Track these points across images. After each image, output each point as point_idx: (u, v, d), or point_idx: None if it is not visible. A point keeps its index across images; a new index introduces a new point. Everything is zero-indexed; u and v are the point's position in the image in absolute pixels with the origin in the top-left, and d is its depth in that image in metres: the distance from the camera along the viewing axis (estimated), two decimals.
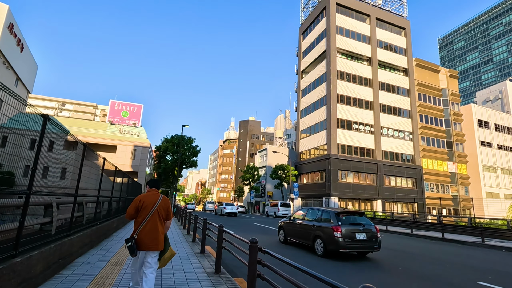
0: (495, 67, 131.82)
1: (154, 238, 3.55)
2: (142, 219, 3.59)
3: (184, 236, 10.50)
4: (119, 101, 38.77)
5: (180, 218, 15.60)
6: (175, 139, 28.94)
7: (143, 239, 3.50)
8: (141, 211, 3.63)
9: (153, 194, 3.83)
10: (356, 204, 34.49)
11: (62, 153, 5.50)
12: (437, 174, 40.90)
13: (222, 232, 5.53)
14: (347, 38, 38.76)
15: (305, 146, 40.74)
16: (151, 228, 3.57)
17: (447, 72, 46.16)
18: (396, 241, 13.50)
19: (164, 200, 3.85)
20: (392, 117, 38.97)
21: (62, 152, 5.60)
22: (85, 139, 34.93)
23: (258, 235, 13.01)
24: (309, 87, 41.95)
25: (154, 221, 3.61)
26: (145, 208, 3.64)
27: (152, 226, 3.58)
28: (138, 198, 3.76)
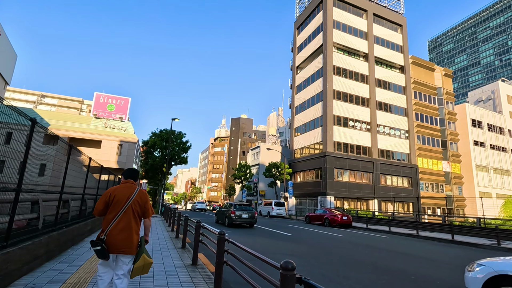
0: (482, 69, 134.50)
1: (127, 239, 2.96)
2: (113, 216, 3.00)
3: (172, 240, 8.96)
4: (105, 94, 36.54)
5: (168, 219, 14.01)
6: (164, 133, 27.13)
7: (113, 241, 2.91)
8: (112, 207, 3.04)
9: (127, 187, 3.20)
10: (352, 204, 33.51)
11: None
12: (432, 173, 40.44)
13: (223, 242, 4.08)
14: (344, 32, 37.73)
15: (300, 144, 39.53)
16: (124, 227, 2.98)
17: (442, 71, 45.85)
18: (409, 245, 12.30)
19: (141, 194, 3.20)
20: (389, 115, 38.21)
21: None
22: (67, 134, 32.69)
23: (263, 238, 11.58)
24: (304, 83, 40.76)
25: (128, 218, 3.02)
26: (117, 203, 3.04)
27: (125, 225, 2.99)
28: (109, 190, 3.14)
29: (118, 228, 2.95)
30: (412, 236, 16.11)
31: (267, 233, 13.70)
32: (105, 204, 3.06)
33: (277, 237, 12.13)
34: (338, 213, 20.99)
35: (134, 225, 3.05)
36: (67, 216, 7.26)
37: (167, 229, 11.96)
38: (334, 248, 9.84)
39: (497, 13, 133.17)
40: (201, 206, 44.48)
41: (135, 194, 3.13)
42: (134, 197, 3.12)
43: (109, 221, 2.99)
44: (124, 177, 3.35)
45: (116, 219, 2.98)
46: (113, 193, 3.10)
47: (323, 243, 11.02)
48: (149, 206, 3.25)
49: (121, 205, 3.05)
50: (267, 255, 2.75)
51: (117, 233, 2.93)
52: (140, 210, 3.15)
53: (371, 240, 13.21)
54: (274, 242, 10.67)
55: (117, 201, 3.06)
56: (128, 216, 3.03)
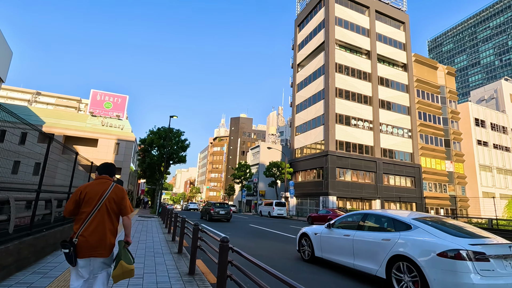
0: (482, 69, 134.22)
1: (101, 240, 2.67)
2: (85, 215, 2.69)
3: (168, 244, 8.19)
4: (102, 91, 35.72)
5: (165, 220, 13.24)
6: (162, 131, 26.31)
7: (85, 243, 2.62)
8: (84, 205, 2.73)
9: (100, 183, 2.87)
10: (355, 204, 32.80)
11: None
12: (435, 173, 39.77)
13: (226, 251, 3.33)
14: (346, 29, 37.03)
15: (301, 143, 38.79)
16: (97, 228, 2.67)
17: (445, 69, 45.20)
18: None
19: (116, 190, 2.87)
20: (391, 113, 37.51)
21: None
22: (62, 132, 31.91)
23: (267, 242, 10.81)
24: (305, 80, 40.03)
25: (101, 218, 2.72)
26: (89, 201, 2.74)
27: (98, 225, 2.69)
28: (80, 188, 2.82)
29: (90, 229, 2.65)
30: None
31: (271, 235, 12.94)
32: (75, 203, 2.74)
33: (283, 241, 11.38)
34: (342, 213, 20.28)
35: (108, 224, 2.75)
36: (50, 217, 6.50)
37: (164, 231, 11.19)
38: None
39: (497, 13, 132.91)
40: (193, 206, 49.01)
41: (109, 191, 2.80)
42: (109, 194, 2.79)
43: (81, 222, 2.68)
44: (98, 172, 3.01)
45: (89, 219, 2.67)
46: (84, 191, 2.76)
47: None
48: (126, 203, 2.92)
49: (94, 204, 2.72)
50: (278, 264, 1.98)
51: (90, 235, 2.63)
52: (116, 208, 2.82)
53: None
54: (281, 246, 9.91)
55: (89, 199, 2.73)
56: (102, 215, 2.72)
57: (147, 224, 13.39)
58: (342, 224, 6.18)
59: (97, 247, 2.65)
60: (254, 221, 21.71)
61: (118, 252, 2.75)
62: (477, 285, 3.50)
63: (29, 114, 31.84)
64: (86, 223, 2.66)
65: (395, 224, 4.87)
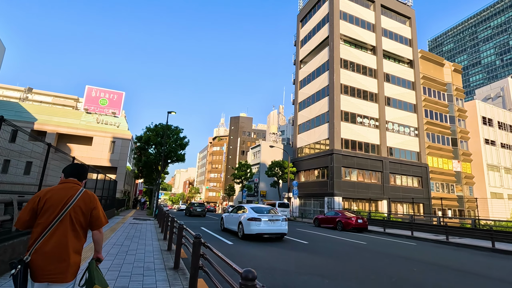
0: (482, 69, 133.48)
1: (61, 260, 2.09)
2: (42, 228, 2.14)
3: (163, 254, 6.82)
4: (97, 87, 34.26)
5: (161, 223, 11.87)
6: (159, 128, 24.90)
7: (40, 263, 2.06)
8: (42, 215, 2.17)
9: (66, 188, 2.29)
10: (361, 205, 31.48)
11: None
12: (443, 173, 38.50)
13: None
14: (351, 24, 35.72)
15: (304, 141, 37.45)
16: (57, 244, 2.10)
17: (451, 66, 43.97)
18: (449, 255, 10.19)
19: (85, 197, 2.29)
20: (397, 111, 36.22)
21: None
22: (55, 129, 30.48)
23: (276, 249, 9.44)
24: (309, 77, 38.70)
25: (64, 231, 2.15)
26: (49, 210, 2.17)
27: (59, 241, 2.12)
28: (38, 193, 2.26)
29: (49, 245, 2.10)
30: (442, 243, 14.07)
31: (280, 241, 11.57)
32: (31, 212, 2.19)
33: (292, 247, 10.03)
34: (352, 215, 18.92)
35: (72, 241, 2.19)
36: (10, 225, 5.11)
37: (159, 236, 9.81)
38: (368, 262, 7.74)
39: (498, 12, 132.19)
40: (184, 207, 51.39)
41: (76, 198, 2.26)
42: (75, 202, 2.24)
43: (36, 236, 2.14)
44: (64, 174, 2.44)
45: (47, 232, 2.13)
46: (44, 197, 2.22)
47: (350, 255, 8.91)
48: (98, 213, 2.34)
49: (55, 213, 2.18)
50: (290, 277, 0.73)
51: (47, 252, 2.08)
52: (84, 219, 2.27)
53: (401, 249, 11.14)
54: (291, 253, 8.55)
55: (50, 208, 2.19)
56: (65, 228, 2.18)
57: (141, 228, 12.00)
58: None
59: (56, 269, 2.10)
60: None
61: (89, 275, 2.20)
62: (252, 229, 10.87)
63: (20, 110, 30.38)
64: (42, 238, 2.12)
65: (243, 209, 12.39)
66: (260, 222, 10.98)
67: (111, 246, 7.31)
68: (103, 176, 14.89)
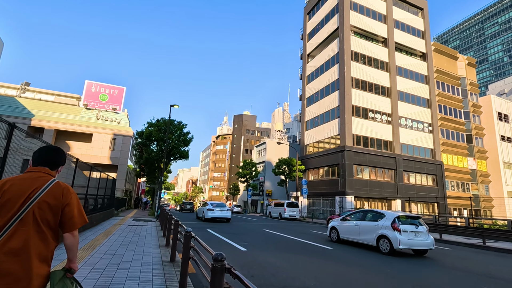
0: (490, 66, 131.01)
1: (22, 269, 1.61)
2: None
3: (164, 267, 5.34)
4: (97, 82, 32.91)
5: (163, 226, 10.43)
6: (161, 123, 23.46)
7: None
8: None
9: (30, 178, 1.80)
10: (373, 204, 29.87)
11: None
12: (458, 171, 36.75)
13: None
14: (362, 15, 34.08)
15: (312, 138, 35.88)
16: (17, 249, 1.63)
17: (465, 59, 42.13)
18: (496, 262, 8.62)
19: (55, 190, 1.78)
20: (411, 106, 34.54)
21: None
22: (53, 126, 29.22)
23: (296, 256, 7.93)
24: (317, 71, 37.11)
25: (25, 233, 1.67)
26: (5, 206, 1.69)
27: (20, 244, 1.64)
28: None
29: (5, 249, 1.61)
30: (479, 247, 12.50)
31: (296, 244, 10.07)
32: None
33: (315, 253, 8.53)
34: None
35: (37, 245, 1.68)
36: None
37: (160, 242, 8.35)
38: (418, 277, 6.22)
39: (505, 8, 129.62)
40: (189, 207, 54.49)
41: (43, 191, 1.75)
42: (41, 196, 1.74)
43: None
44: (32, 161, 1.90)
45: (2, 235, 1.63)
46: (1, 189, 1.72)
47: (387, 264, 7.35)
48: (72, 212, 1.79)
49: (13, 211, 1.68)
50: None
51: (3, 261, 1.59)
52: (54, 218, 1.75)
53: (438, 255, 9.58)
54: (317, 263, 7.03)
55: (6, 203, 1.69)
56: (26, 230, 1.67)
57: (140, 231, 10.55)
58: None
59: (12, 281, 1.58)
60: (267, 225, 18.87)
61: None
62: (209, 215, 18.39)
63: (17, 106, 29.12)
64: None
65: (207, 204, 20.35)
66: (214, 211, 18.35)
67: (100, 257, 5.85)
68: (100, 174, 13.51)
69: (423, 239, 9.16)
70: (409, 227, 9.16)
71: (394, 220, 9.26)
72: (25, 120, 28.19)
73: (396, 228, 9.00)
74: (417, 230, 9.21)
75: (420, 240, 9.09)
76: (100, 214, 12.49)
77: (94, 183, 11.61)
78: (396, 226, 9.06)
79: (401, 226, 9.07)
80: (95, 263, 5.30)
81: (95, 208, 12.12)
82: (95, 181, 11.80)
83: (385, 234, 9.18)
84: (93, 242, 7.46)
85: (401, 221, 9.31)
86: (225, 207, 19.05)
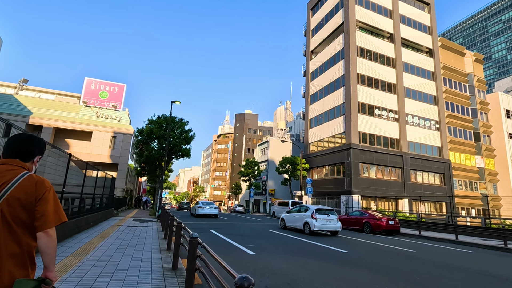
0: (493, 64, 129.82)
1: None
2: None
3: (165, 277, 4.61)
4: (97, 80, 32.25)
5: (164, 227, 9.73)
6: (162, 120, 22.76)
7: None
8: None
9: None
10: (380, 204, 29.11)
11: None
12: (465, 169, 35.92)
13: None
14: (367, 9, 33.26)
15: (316, 136, 35.11)
16: None
17: (473, 55, 41.24)
18: None
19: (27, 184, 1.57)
20: (417, 103, 33.71)
21: None
22: (52, 123, 28.58)
23: (311, 261, 7.19)
24: (321, 68, 36.33)
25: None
26: None
27: None
28: None
29: None
30: (500, 249, 11.75)
31: (306, 246, 9.34)
32: None
33: (330, 257, 7.79)
34: (381, 215, 16.63)
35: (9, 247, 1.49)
36: None
37: (161, 245, 7.63)
38: (450, 284, 5.48)
39: (509, 6, 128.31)
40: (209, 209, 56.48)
41: (13, 186, 1.54)
42: (11, 191, 1.53)
43: None
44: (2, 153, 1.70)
45: None
46: None
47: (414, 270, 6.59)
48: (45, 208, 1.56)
49: None
50: None
51: None
52: (28, 215, 1.54)
53: (458, 258, 8.88)
54: (335, 269, 6.30)
55: None
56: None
57: (139, 233, 9.84)
58: None
59: None
60: (272, 225, 18.14)
61: None
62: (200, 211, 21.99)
63: (15, 103, 28.48)
64: None
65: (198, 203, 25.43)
66: (204, 208, 21.88)
67: (92, 264, 5.13)
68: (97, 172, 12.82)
69: (333, 224, 13.18)
70: (323, 216, 13.14)
71: (313, 212, 13.20)
72: (23, 118, 27.57)
73: (313, 217, 13.02)
74: (328, 218, 13.17)
75: (330, 225, 13.12)
76: (97, 215, 11.80)
77: (91, 182, 10.91)
78: (313, 215, 13.05)
79: (317, 216, 13.03)
80: (85, 272, 4.58)
81: (93, 208, 11.43)
82: (92, 180, 11.10)
83: (307, 221, 13.30)
84: (86, 246, 6.75)
85: (318, 212, 13.24)
86: (213, 205, 22.90)
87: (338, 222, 13.31)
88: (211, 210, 21.92)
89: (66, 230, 7.60)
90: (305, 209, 14.05)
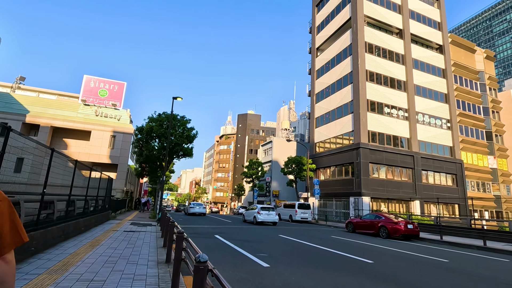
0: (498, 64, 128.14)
1: None
2: None
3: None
4: (96, 77, 31.28)
5: (164, 232, 8.59)
6: (163, 118, 21.67)
7: None
8: None
9: None
10: (391, 206, 27.84)
11: None
12: (478, 170, 34.58)
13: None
14: (375, 4, 32.12)
15: (323, 136, 33.92)
16: None
17: (483, 52, 39.95)
18: None
19: None
20: (428, 101, 32.46)
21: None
22: (49, 122, 27.58)
23: (338, 276, 6.01)
24: (327, 65, 35.18)
25: None
26: None
27: None
28: None
29: None
30: None
31: (326, 256, 8.16)
32: None
33: (356, 269, 6.61)
34: (399, 219, 15.40)
35: None
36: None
37: (159, 256, 6.48)
38: None
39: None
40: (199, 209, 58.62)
41: None
42: None
43: None
44: None
45: None
46: None
47: (461, 287, 5.40)
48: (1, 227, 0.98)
49: None
50: None
51: None
52: None
53: (507, 271, 7.63)
54: (365, 285, 5.12)
55: None
56: None
57: (136, 240, 8.68)
58: None
59: None
60: (279, 228, 16.97)
61: None
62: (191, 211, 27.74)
63: (11, 102, 27.50)
64: None
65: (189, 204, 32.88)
66: (194, 208, 27.30)
67: (70, 286, 3.98)
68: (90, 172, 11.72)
69: (272, 218, 19.16)
70: (265, 211, 19.30)
71: (259, 209, 19.39)
72: (20, 117, 26.61)
73: (258, 212, 19.17)
74: (269, 213, 19.27)
75: (269, 218, 19.09)
76: (91, 219, 10.69)
77: (82, 181, 9.79)
78: (258, 211, 19.23)
79: (261, 211, 19.21)
80: None
81: (85, 212, 10.31)
82: (83, 180, 9.98)
83: (255, 215, 19.42)
84: (70, 259, 5.61)
85: (262, 209, 19.37)
86: (202, 206, 28.56)
87: (276, 216, 19.53)
88: (200, 209, 27.67)
89: (48, 238, 6.47)
90: (256, 207, 20.04)
